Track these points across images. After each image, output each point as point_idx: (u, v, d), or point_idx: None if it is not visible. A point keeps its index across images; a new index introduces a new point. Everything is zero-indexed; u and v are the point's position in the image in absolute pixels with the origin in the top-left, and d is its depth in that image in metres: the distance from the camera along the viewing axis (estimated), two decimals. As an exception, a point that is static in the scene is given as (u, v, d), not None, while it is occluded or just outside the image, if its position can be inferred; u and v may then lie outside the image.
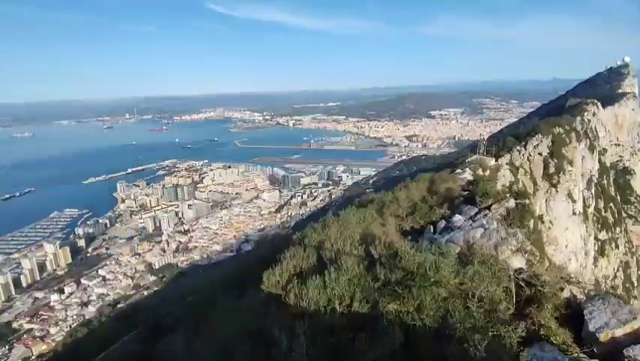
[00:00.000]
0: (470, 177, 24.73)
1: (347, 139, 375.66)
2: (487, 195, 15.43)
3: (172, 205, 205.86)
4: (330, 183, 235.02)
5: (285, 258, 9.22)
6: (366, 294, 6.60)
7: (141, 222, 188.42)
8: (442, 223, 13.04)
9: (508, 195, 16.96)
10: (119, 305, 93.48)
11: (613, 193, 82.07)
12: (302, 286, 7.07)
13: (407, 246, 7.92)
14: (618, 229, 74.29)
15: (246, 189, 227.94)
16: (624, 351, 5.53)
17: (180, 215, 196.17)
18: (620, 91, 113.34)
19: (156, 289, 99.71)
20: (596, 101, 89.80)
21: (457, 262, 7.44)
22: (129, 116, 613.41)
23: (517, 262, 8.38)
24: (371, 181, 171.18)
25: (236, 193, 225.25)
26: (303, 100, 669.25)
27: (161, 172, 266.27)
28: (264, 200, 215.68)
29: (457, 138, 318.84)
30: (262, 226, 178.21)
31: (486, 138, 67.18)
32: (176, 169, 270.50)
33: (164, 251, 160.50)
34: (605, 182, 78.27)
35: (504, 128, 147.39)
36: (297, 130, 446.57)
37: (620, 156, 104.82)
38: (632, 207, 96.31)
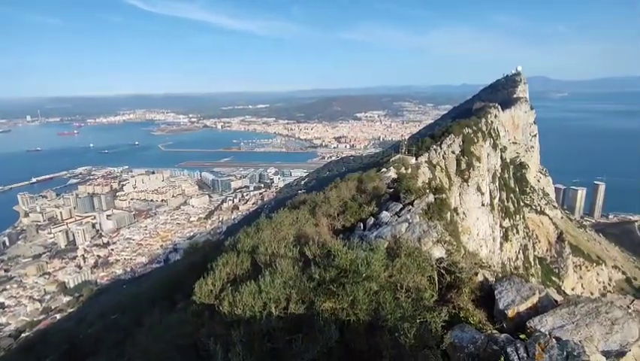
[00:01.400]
0: (394, 176, 26.31)
1: (277, 141, 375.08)
2: (410, 191, 16.53)
3: (88, 216, 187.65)
4: (262, 185, 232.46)
5: (218, 265, 8.91)
6: (301, 295, 6.66)
7: (51, 238, 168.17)
8: (371, 220, 13.64)
9: (427, 190, 18.34)
10: (23, 334, 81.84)
11: (513, 185, 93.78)
12: (236, 293, 6.89)
13: (339, 244, 8.16)
14: (518, 216, 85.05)
15: (173, 196, 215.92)
16: (527, 323, 6.37)
17: (98, 227, 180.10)
18: (515, 96, 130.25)
19: (71, 310, 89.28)
20: (497, 104, 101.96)
21: (385, 256, 7.86)
22: (31, 118, 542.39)
23: (438, 252, 9.13)
24: (303, 182, 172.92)
25: (162, 200, 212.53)
26: (231, 102, 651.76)
27: (73, 180, 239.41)
28: (193, 206, 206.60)
29: (381, 139, 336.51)
30: (191, 233, 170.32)
31: (407, 138, 72.09)
32: (92, 177, 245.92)
33: (80, 267, 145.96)
34: (506, 176, 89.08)
35: (422, 129, 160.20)
36: (226, 132, 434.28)
37: (517, 153, 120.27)
38: (528, 197, 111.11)
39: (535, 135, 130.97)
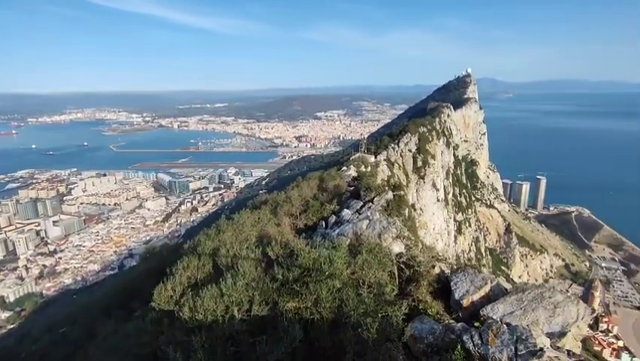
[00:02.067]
0: (355, 174, 26.80)
1: (237, 141, 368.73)
2: (370, 189, 16.92)
3: (31, 223, 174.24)
4: (222, 186, 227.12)
5: (178, 270, 8.60)
6: (265, 296, 6.59)
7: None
8: (333, 218, 13.79)
9: (386, 188, 18.86)
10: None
11: (465, 181, 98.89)
12: (197, 297, 6.70)
13: (302, 244, 8.17)
14: (470, 210, 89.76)
15: (127, 199, 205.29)
16: (480, 311, 6.77)
17: (43, 234, 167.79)
18: (465, 96, 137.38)
19: (12, 326, 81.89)
20: (449, 104, 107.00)
21: (348, 253, 7.98)
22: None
23: (397, 247, 9.42)
24: (264, 182, 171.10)
25: (115, 204, 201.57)
26: (188, 100, 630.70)
27: (12, 185, 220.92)
28: (149, 209, 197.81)
29: (341, 138, 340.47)
30: (148, 238, 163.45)
31: (366, 137, 73.58)
32: (35, 181, 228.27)
33: (22, 279, 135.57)
34: (459, 172, 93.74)
35: (380, 128, 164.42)
36: (183, 132, 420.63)
37: (468, 150, 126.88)
38: (478, 192, 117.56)
39: (484, 134, 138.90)
